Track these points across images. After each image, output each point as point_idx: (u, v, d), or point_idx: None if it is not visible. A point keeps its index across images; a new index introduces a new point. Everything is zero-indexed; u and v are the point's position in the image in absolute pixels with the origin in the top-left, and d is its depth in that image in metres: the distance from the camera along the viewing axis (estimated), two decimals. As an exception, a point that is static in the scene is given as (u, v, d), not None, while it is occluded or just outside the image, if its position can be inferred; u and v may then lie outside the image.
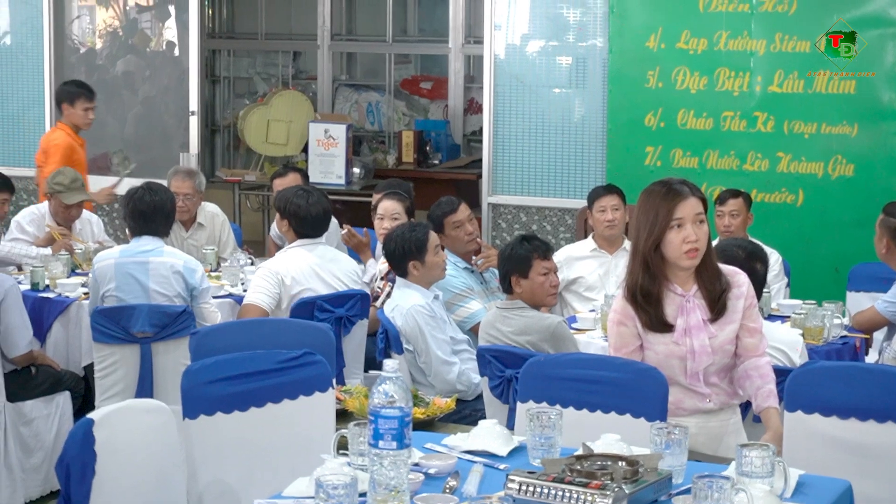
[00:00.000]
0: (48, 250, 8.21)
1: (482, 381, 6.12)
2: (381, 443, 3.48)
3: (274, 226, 9.04)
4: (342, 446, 4.01)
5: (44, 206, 8.62)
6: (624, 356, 4.77)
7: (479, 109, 12.96)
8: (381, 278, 7.42)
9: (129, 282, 6.87)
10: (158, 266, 6.90)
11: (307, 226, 7.18)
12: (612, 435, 4.16)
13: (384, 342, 6.58)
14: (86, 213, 8.79)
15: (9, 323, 6.82)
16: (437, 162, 12.42)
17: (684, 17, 9.27)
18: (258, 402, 4.47)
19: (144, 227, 7.02)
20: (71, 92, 9.49)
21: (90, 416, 3.92)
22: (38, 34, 11.05)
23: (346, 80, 13.85)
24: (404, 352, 6.49)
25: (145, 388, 6.68)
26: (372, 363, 7.04)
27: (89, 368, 7.21)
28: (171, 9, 11.73)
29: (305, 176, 8.90)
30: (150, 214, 7.02)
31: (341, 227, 8.33)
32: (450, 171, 12.19)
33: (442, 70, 13.43)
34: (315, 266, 7.06)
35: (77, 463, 3.79)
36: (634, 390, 4.62)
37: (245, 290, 7.57)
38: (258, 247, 10.40)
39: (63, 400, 7.13)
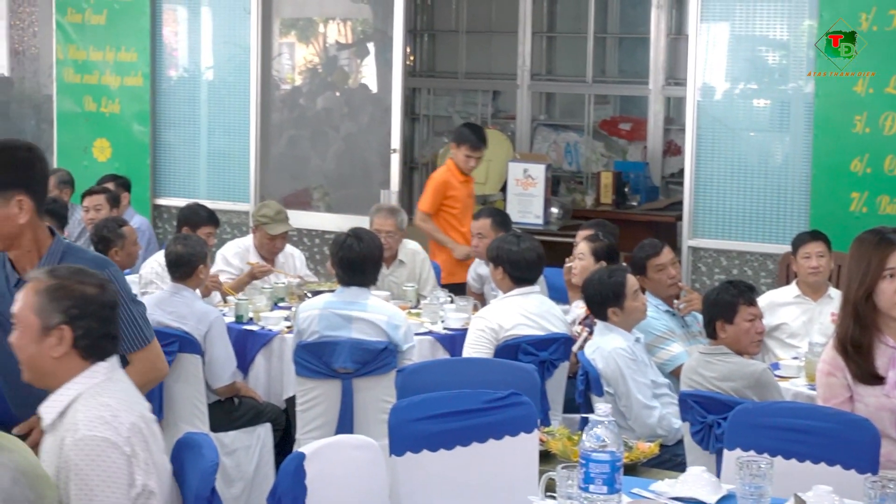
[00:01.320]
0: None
1: (683, 426, 6.04)
2: (591, 487, 3.47)
3: (471, 268, 9.08)
4: (549, 488, 3.99)
5: (248, 240, 8.80)
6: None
7: (678, 151, 12.86)
8: (579, 323, 7.38)
9: (333, 335, 6.88)
10: (362, 324, 6.84)
11: (522, 270, 7.14)
12: (825, 487, 4.08)
13: (584, 384, 6.54)
14: (289, 248, 8.95)
15: (213, 354, 6.96)
16: (635, 203, 12.34)
17: (894, 62, 9.08)
18: (464, 441, 4.47)
19: (352, 278, 6.95)
20: (462, 134, 9.79)
21: (302, 449, 3.97)
22: (243, 71, 11.27)
23: (545, 120, 13.86)
24: (604, 394, 6.45)
25: (346, 423, 6.73)
26: (569, 405, 7.00)
27: (290, 401, 7.31)
28: (370, 46, 11.88)
29: (503, 216, 8.91)
30: (358, 264, 6.93)
31: None
32: (648, 213, 12.10)
33: (641, 111, 13.37)
34: (528, 314, 7.01)
35: (289, 496, 3.84)
36: (845, 441, 4.52)
37: (445, 329, 7.62)
38: (454, 286, 10.45)
39: (264, 432, 7.24)
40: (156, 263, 8.17)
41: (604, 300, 6.62)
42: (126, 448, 3.59)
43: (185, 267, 7.13)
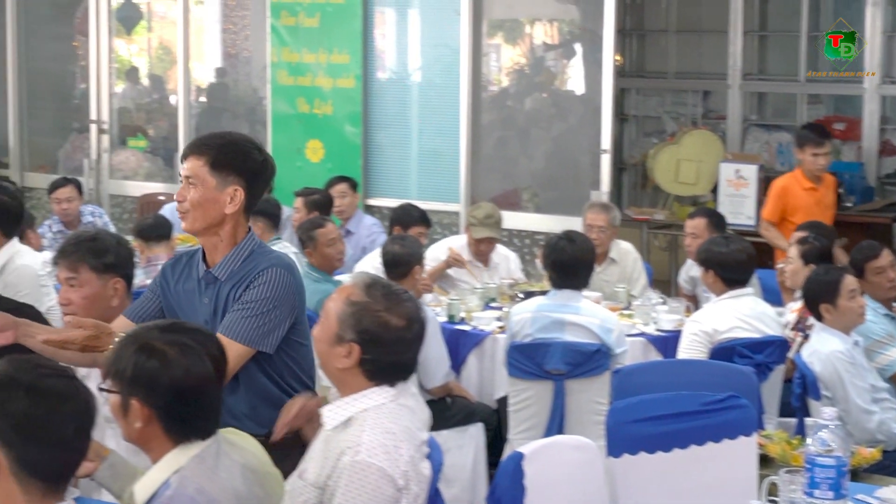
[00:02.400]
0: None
1: (904, 431, 5.90)
2: (816, 492, 3.41)
3: (683, 269, 8.99)
4: (770, 493, 3.93)
5: (461, 239, 8.87)
6: None
7: (894, 151, 12.55)
8: (791, 328, 7.25)
9: (545, 337, 6.86)
10: (575, 328, 6.81)
11: (733, 272, 7.05)
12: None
13: (801, 388, 6.43)
14: (503, 250, 8.99)
15: (427, 354, 7.01)
16: (849, 204, 12.08)
17: None
18: (682, 444, 4.44)
19: (565, 280, 6.93)
20: (801, 136, 9.76)
21: (520, 450, 3.98)
22: (451, 72, 11.34)
23: (757, 120, 13.67)
24: (822, 398, 6.32)
25: (556, 424, 6.71)
26: (784, 409, 6.89)
27: (501, 401, 7.33)
28: (577, 47, 11.85)
29: (719, 217, 8.80)
30: (570, 266, 6.91)
31: None
32: (863, 214, 11.83)
33: (855, 111, 13.08)
34: (743, 317, 6.90)
35: (508, 496, 3.86)
36: None
37: (657, 330, 7.56)
38: (665, 286, 10.36)
39: (476, 431, 7.27)
40: (370, 265, 8.27)
41: (816, 297, 6.50)
42: (400, 481, 3.60)
43: (402, 267, 7.20)
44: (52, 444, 2.96)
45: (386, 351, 3.72)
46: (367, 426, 3.66)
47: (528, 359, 6.75)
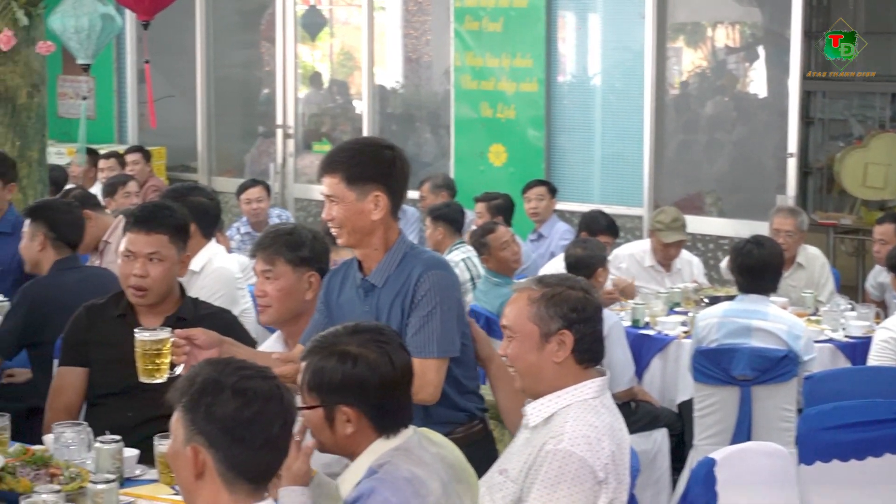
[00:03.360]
0: None
1: None
2: None
3: (871, 275, 8.82)
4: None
5: (644, 244, 8.83)
6: None
7: None
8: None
9: (732, 342, 6.78)
10: (762, 333, 6.72)
11: None
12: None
13: None
14: (686, 254, 8.92)
15: (612, 358, 6.97)
16: None
17: None
18: (876, 452, 4.37)
19: (752, 285, 6.84)
20: None
21: (712, 455, 3.95)
22: (633, 76, 11.30)
23: (948, 123, 13.35)
24: None
25: (743, 430, 6.63)
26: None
27: (683, 405, 7.27)
28: (760, 50, 11.70)
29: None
30: (757, 270, 6.82)
31: None
32: None
33: None
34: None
35: (700, 501, 3.82)
36: None
37: (846, 336, 7.43)
38: (851, 292, 10.16)
39: (661, 436, 7.22)
40: (552, 269, 8.27)
41: None
42: (600, 474, 3.62)
43: (584, 269, 7.19)
44: (258, 444, 3.01)
45: (587, 324, 3.78)
46: (570, 418, 3.70)
47: (715, 364, 6.69)
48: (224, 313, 5.20)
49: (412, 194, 11.48)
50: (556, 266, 8.16)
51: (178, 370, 4.36)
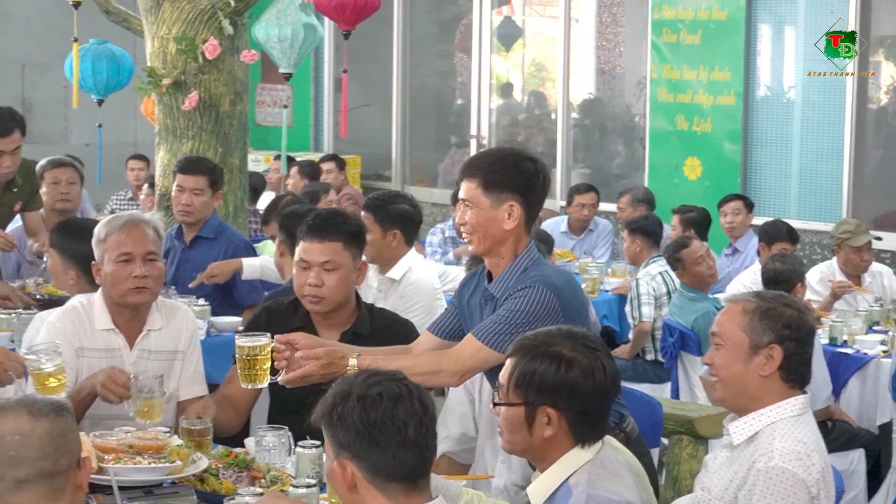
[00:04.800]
0: None
1: None
2: None
3: None
4: None
5: (831, 263, 8.66)
6: None
7: None
8: None
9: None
10: None
11: None
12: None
13: None
14: (876, 266, 8.72)
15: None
16: None
17: None
18: None
19: None
20: None
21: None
22: (832, 90, 11.10)
23: None
24: None
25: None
26: None
27: (883, 427, 7.12)
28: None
29: None
30: None
31: None
32: None
33: None
34: None
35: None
36: None
37: None
38: None
39: (857, 457, 7.08)
40: (741, 283, 8.17)
41: None
42: (813, 490, 3.59)
43: (783, 284, 7.09)
44: (395, 445, 3.06)
45: (799, 344, 3.74)
46: (778, 435, 3.66)
47: (916, 386, 6.54)
48: (403, 324, 5.19)
49: (608, 206, 11.47)
50: (744, 281, 8.07)
51: (280, 376, 4.41)
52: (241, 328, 5.76)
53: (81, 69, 8.66)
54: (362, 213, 6.45)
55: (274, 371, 4.39)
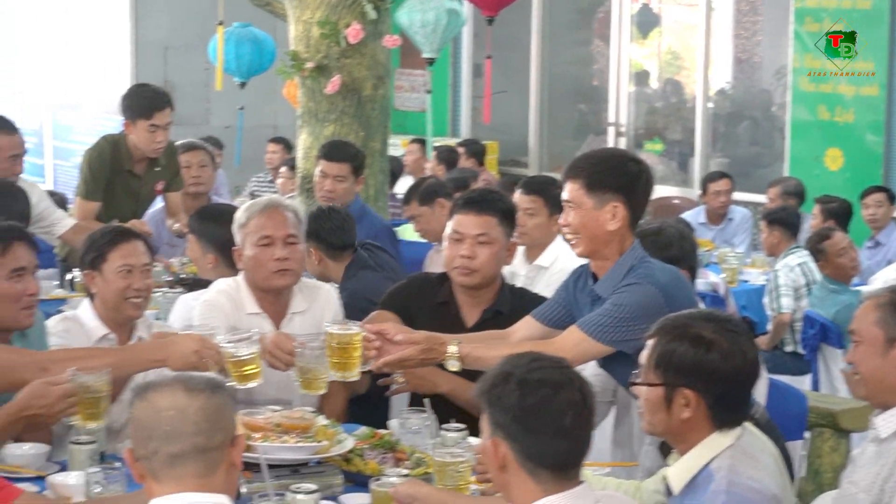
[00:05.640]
0: None
1: None
2: None
3: None
4: None
5: None
6: None
7: None
8: None
9: None
10: None
11: None
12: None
13: None
14: None
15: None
16: None
17: None
18: None
19: None
20: None
21: None
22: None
23: None
24: None
25: None
26: None
27: None
28: None
29: None
30: None
31: None
32: None
33: None
34: None
35: None
36: None
37: None
38: None
39: None
40: (884, 278, 8.05)
41: None
42: None
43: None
44: (550, 433, 3.07)
45: None
46: None
47: None
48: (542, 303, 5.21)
49: (746, 196, 11.37)
50: (888, 275, 7.94)
51: (370, 366, 4.43)
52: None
53: (225, 52, 8.78)
54: (527, 195, 6.38)
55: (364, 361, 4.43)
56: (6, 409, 4.09)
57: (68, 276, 7.06)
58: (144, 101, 7.39)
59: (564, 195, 4.42)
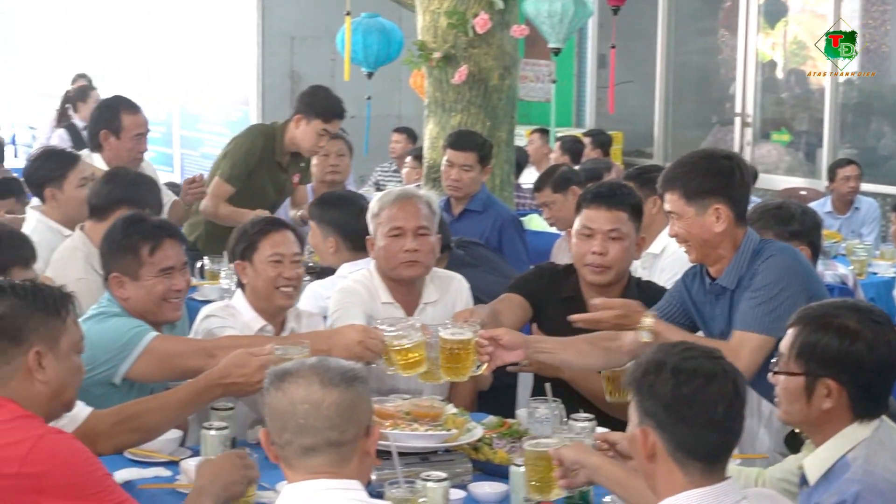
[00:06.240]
0: None
1: None
2: None
3: None
4: None
5: None
6: None
7: None
8: None
9: None
10: None
11: None
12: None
13: None
14: None
15: None
16: None
17: None
18: None
19: None
20: None
21: None
22: None
23: None
24: None
25: None
26: None
27: None
28: None
29: None
30: None
31: None
32: None
33: None
34: None
35: None
36: None
37: None
38: None
39: None
40: None
41: None
42: None
43: None
44: (702, 424, 3.03)
45: None
46: None
47: None
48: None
49: (874, 187, 11.21)
50: None
51: (482, 369, 4.41)
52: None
53: (353, 42, 8.82)
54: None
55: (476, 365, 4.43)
56: (208, 375, 4.16)
57: (198, 264, 7.15)
58: (328, 105, 7.48)
59: (667, 206, 4.42)
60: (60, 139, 11.61)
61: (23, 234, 4.26)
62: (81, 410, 3.96)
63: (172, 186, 7.91)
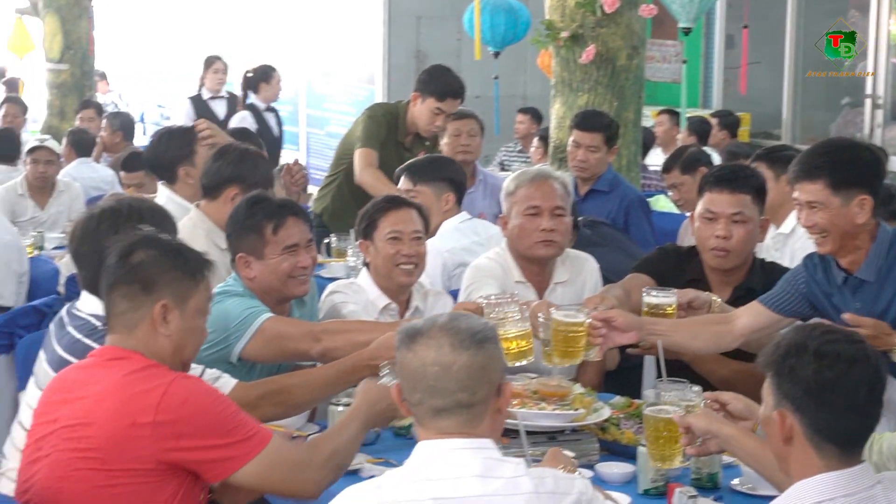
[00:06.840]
0: None
1: None
2: None
3: None
4: None
5: None
6: None
7: None
8: None
9: None
10: None
11: None
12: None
13: None
14: None
15: None
16: None
17: None
18: None
19: None
20: None
21: None
22: None
23: None
24: None
25: None
26: None
27: None
28: None
29: None
30: None
31: None
32: None
33: None
34: None
35: None
36: None
37: None
38: None
39: None
40: None
41: None
42: None
43: None
44: (842, 408, 2.98)
45: None
46: None
47: None
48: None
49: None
50: None
51: (594, 353, 4.36)
52: None
53: (480, 22, 8.82)
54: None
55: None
56: (357, 355, 4.21)
57: (325, 241, 7.18)
58: (442, 84, 7.48)
59: (806, 197, 4.31)
60: (187, 116, 11.59)
61: (164, 209, 4.31)
62: (227, 382, 4.06)
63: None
